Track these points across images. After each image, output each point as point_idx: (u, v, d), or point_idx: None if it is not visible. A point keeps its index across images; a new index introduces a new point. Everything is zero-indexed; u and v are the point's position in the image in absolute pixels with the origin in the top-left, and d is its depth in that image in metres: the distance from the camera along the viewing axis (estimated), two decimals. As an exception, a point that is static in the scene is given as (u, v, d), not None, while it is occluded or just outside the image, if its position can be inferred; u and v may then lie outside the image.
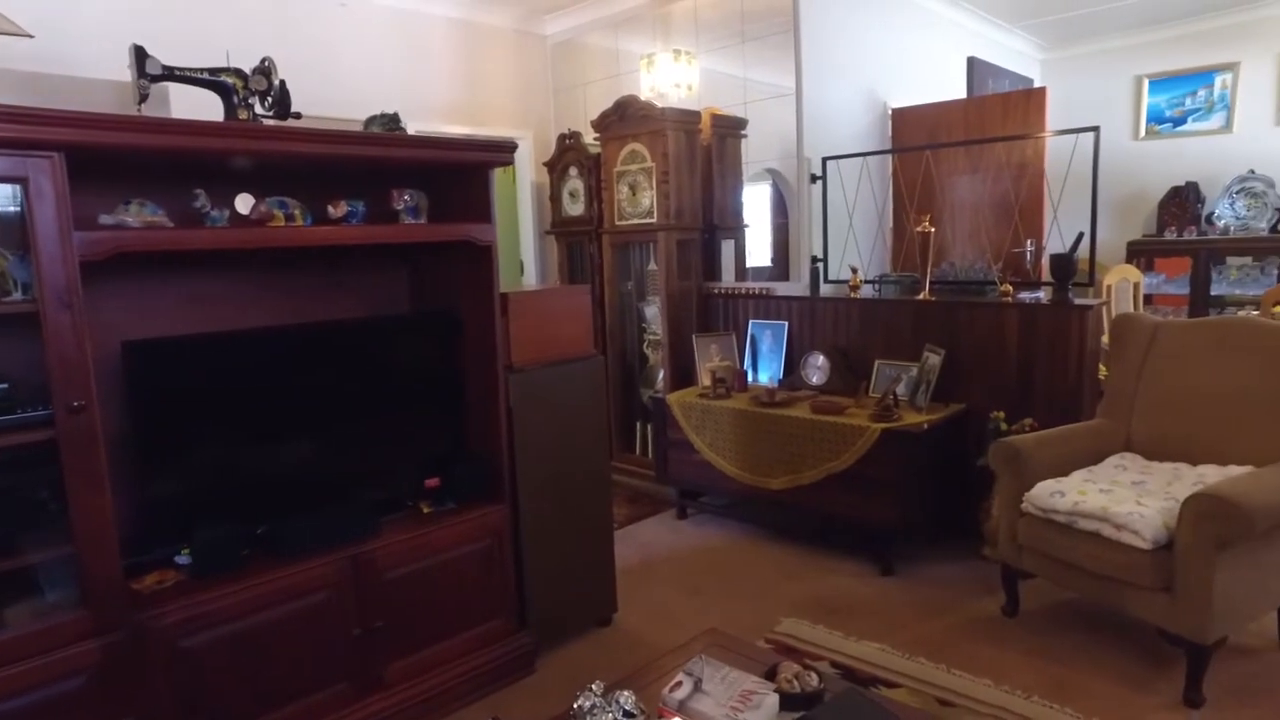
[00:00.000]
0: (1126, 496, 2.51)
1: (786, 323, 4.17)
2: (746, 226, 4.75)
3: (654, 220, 4.34)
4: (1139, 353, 3.03)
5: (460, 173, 2.59)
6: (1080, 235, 3.25)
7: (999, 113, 4.38)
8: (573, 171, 4.96)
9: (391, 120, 2.45)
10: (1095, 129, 3.27)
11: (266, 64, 2.21)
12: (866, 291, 4.09)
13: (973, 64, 5.63)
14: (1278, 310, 3.72)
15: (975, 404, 3.48)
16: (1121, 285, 4.98)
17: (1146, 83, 6.31)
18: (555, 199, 5.08)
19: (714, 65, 4.66)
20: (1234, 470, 2.57)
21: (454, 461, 2.69)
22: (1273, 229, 5.66)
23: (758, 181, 4.86)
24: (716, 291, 4.51)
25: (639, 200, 4.42)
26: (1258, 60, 5.88)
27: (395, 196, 2.48)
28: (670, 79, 4.66)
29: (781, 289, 4.27)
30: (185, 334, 2.28)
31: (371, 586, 2.34)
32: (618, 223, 4.54)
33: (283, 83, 2.24)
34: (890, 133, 4.86)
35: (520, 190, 5.59)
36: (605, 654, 2.87)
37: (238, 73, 2.17)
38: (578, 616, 2.99)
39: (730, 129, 4.57)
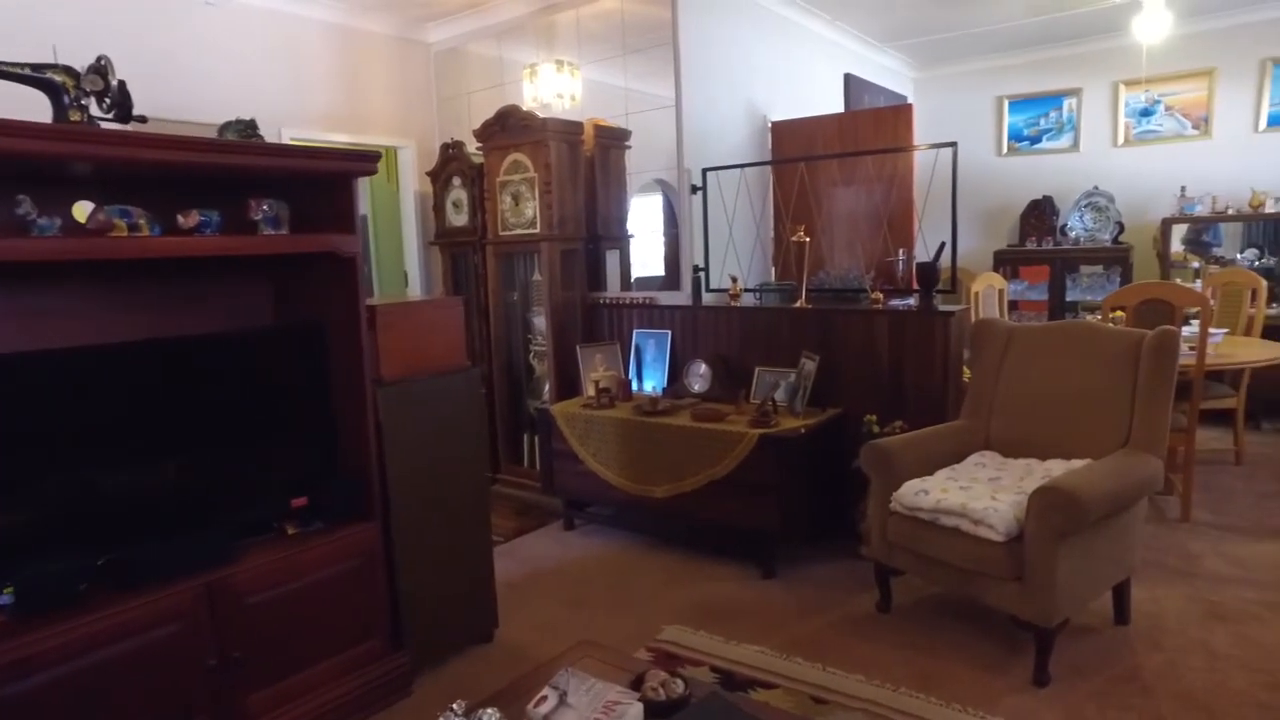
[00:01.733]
0: (983, 492, 2.65)
1: (670, 332, 4.21)
2: (631, 237, 4.79)
3: (537, 231, 4.31)
4: (996, 356, 3.20)
5: (323, 183, 2.50)
6: (943, 245, 3.41)
7: (871, 127, 4.58)
8: (456, 181, 4.88)
9: (248, 127, 2.34)
10: (953, 144, 3.45)
11: (102, 63, 2.08)
12: (748, 300, 4.18)
13: (849, 80, 5.86)
14: (1115, 314, 4.01)
15: (851, 408, 3.60)
16: (987, 292, 5.27)
17: (1006, 103, 6.72)
18: (439, 209, 4.99)
19: (597, 76, 4.68)
20: (1076, 464, 2.75)
21: (322, 480, 2.58)
22: (1115, 240, 6.13)
23: (649, 192, 4.90)
24: (601, 301, 4.52)
25: (522, 210, 4.39)
26: (1097, 88, 6.37)
27: (253, 206, 2.37)
28: (553, 89, 4.65)
29: (665, 298, 4.32)
30: (15, 351, 2.10)
31: (229, 615, 2.22)
32: (501, 233, 4.50)
33: (122, 83, 2.11)
34: (770, 145, 5.00)
35: (404, 200, 5.47)
36: (485, 671, 2.81)
37: (68, 70, 2.03)
38: (458, 634, 2.92)
39: (613, 140, 4.60)
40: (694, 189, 4.28)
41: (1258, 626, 2.89)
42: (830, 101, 5.65)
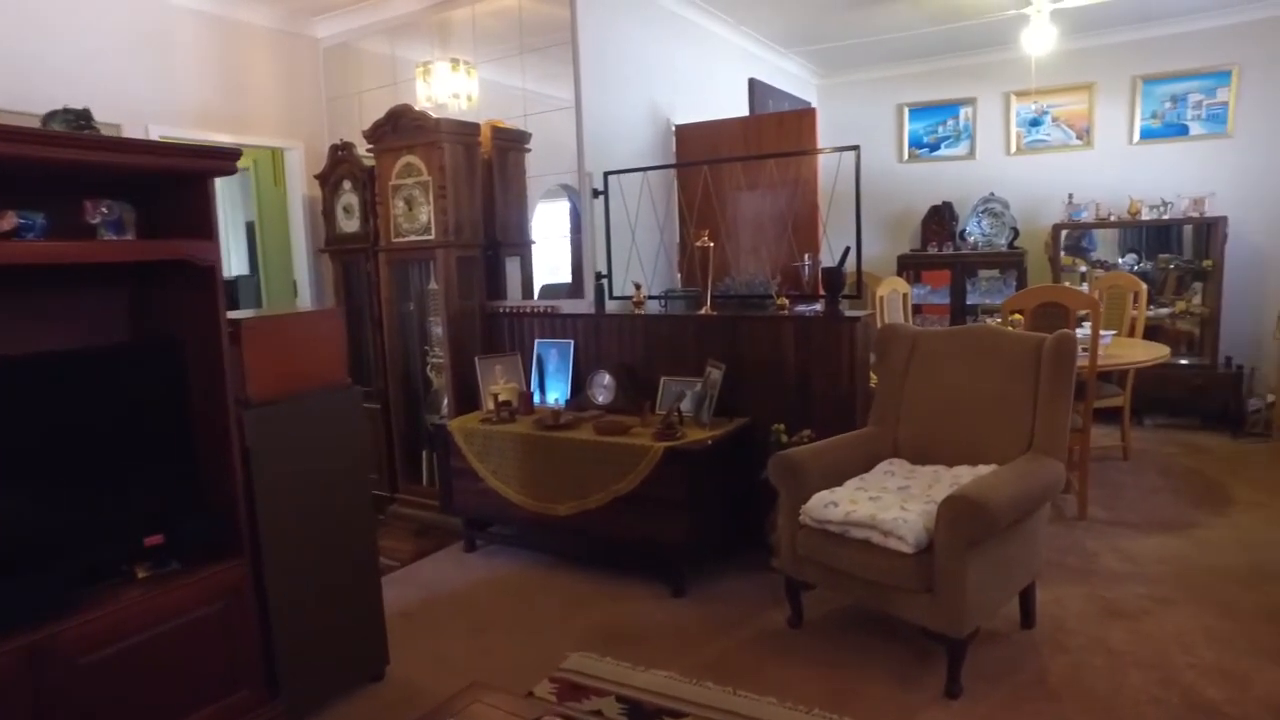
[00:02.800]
0: (892, 503, 2.59)
1: (573, 341, 4.06)
2: (533, 243, 4.61)
3: (432, 237, 4.09)
4: (901, 362, 3.17)
5: (175, 183, 2.25)
6: (847, 249, 3.37)
7: (775, 131, 4.55)
8: (347, 185, 4.61)
9: (79, 117, 2.07)
10: (856, 148, 3.42)
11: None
12: (653, 307, 4.06)
13: (754, 85, 5.85)
14: (1014, 318, 4.07)
15: (758, 417, 3.52)
16: (892, 296, 5.32)
17: (907, 111, 6.85)
18: (329, 215, 4.70)
19: (495, 77, 4.49)
20: (983, 470, 2.73)
21: (180, 514, 2.31)
22: (1010, 245, 6.31)
23: (555, 198, 4.74)
24: (502, 310, 4.33)
25: (416, 216, 4.16)
26: (990, 98, 6.56)
27: (89, 209, 2.10)
28: (448, 89, 4.44)
29: (567, 306, 4.16)
30: None
31: (59, 679, 1.93)
32: (395, 240, 4.25)
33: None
34: (674, 149, 4.91)
35: (292, 205, 5.13)
36: (374, 714, 2.59)
37: None
38: (344, 675, 2.69)
39: (512, 142, 4.42)
40: (595, 193, 4.15)
41: (1149, 621, 2.94)
42: (735, 106, 5.62)
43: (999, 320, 4.19)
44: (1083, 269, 6.10)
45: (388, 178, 4.23)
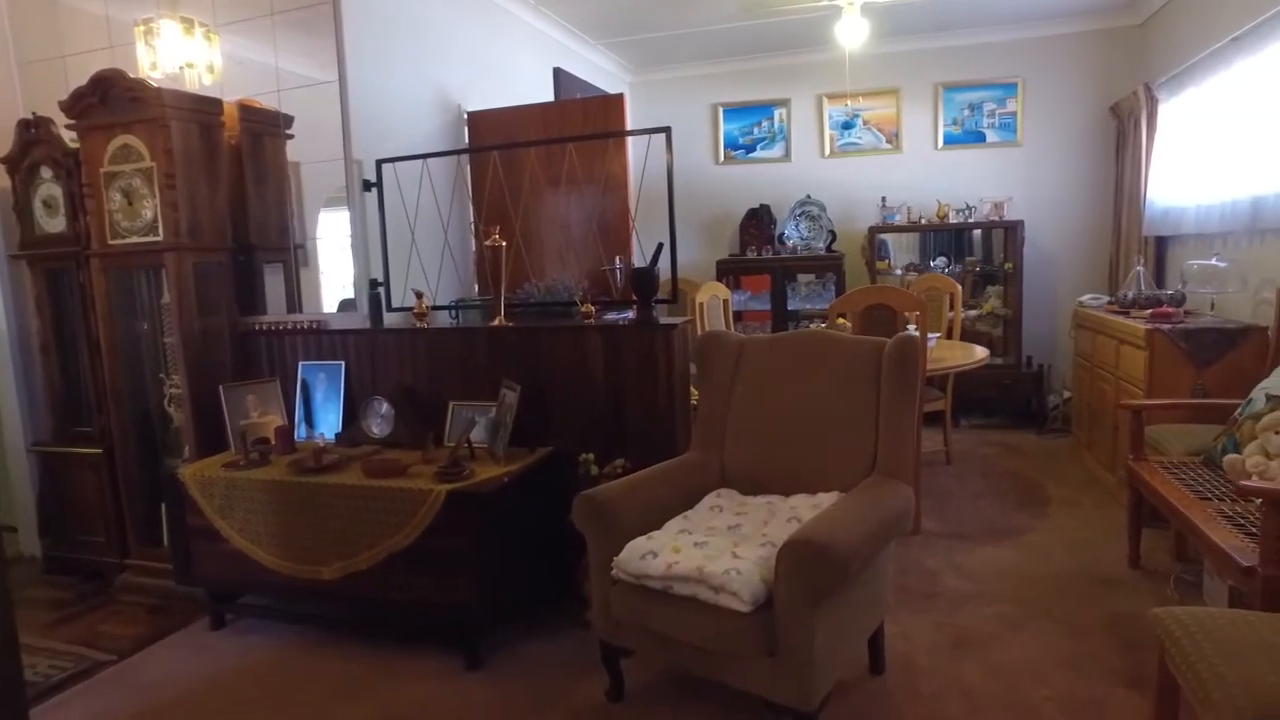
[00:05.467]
0: (723, 548, 2.13)
1: (344, 362, 3.36)
2: (300, 246, 3.85)
3: (160, 238, 3.26)
4: (727, 374, 2.75)
5: None
6: (660, 246, 2.93)
7: (580, 120, 4.05)
8: (46, 173, 3.65)
9: None
10: (666, 129, 2.99)
11: None
12: (442, 320, 3.45)
13: (559, 75, 5.35)
14: (841, 321, 3.81)
15: (565, 444, 2.99)
16: (712, 302, 4.98)
17: (722, 111, 6.62)
18: (23, 210, 3.71)
19: (248, 53, 3.70)
20: (823, 499, 2.34)
21: None
22: (828, 248, 6.19)
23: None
24: (257, 328, 3.54)
25: (139, 212, 3.31)
26: (804, 99, 6.44)
27: None
28: (180, 56, 3.60)
29: (336, 321, 3.46)
30: None
31: None
32: (111, 241, 3.37)
33: None
34: (468, 139, 4.31)
35: (-23, 200, 4.04)
36: None
37: None
38: None
39: (268, 126, 3.65)
40: (367, 185, 3.48)
41: (1000, 650, 2.68)
42: (538, 97, 5.09)
43: (825, 325, 3.91)
44: (898, 271, 6.07)
45: (98, 163, 3.35)
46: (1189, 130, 4.66)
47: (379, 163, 3.46)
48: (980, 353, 4.07)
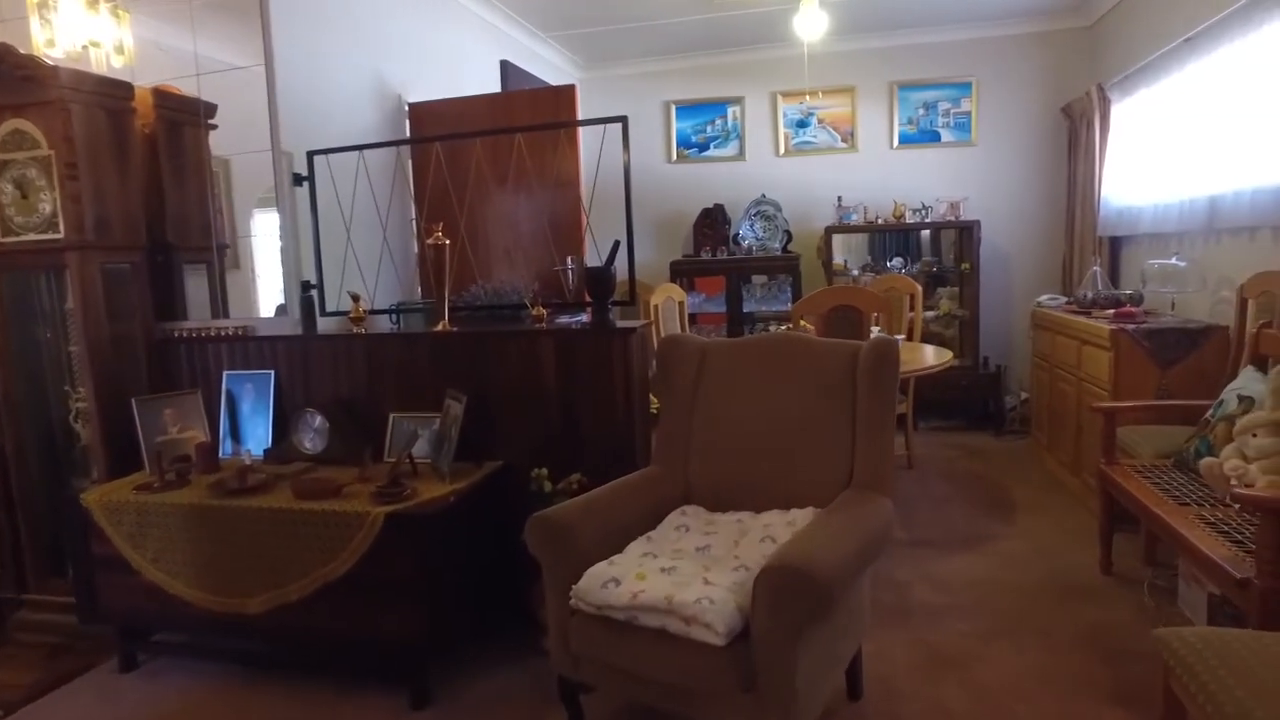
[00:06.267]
0: (692, 573, 1.94)
1: (273, 372, 3.08)
2: (226, 246, 3.55)
3: (60, 235, 2.94)
4: (689, 381, 2.56)
5: None
6: (616, 243, 2.73)
7: (528, 112, 3.82)
8: (-71, 164, 3.28)
9: None
10: (623, 118, 2.79)
11: None
12: (383, 325, 3.20)
13: (507, 68, 5.12)
14: (804, 324, 3.66)
15: (516, 459, 2.77)
16: (667, 304, 4.80)
17: (674, 108, 6.45)
18: (-95, 205, 3.33)
19: (165, 36, 3.39)
20: (797, 516, 2.17)
21: None
22: (784, 249, 6.07)
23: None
24: (177, 335, 3.24)
25: (35, 206, 2.99)
26: (758, 97, 6.31)
27: None
28: (82, 33, 3.28)
29: (265, 327, 3.17)
30: None
31: None
32: (4, 239, 3.04)
33: None
34: (409, 132, 4.05)
35: None
36: None
37: None
38: None
39: (187, 114, 3.35)
40: (297, 179, 3.21)
41: (980, 668, 2.55)
42: (485, 90, 4.84)
43: (787, 327, 3.75)
44: (854, 272, 5.97)
45: (-11, 152, 3.02)
46: (1143, 130, 4.64)
47: (310, 155, 3.19)
48: (945, 354, 3.97)
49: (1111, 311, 3.95)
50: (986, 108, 5.96)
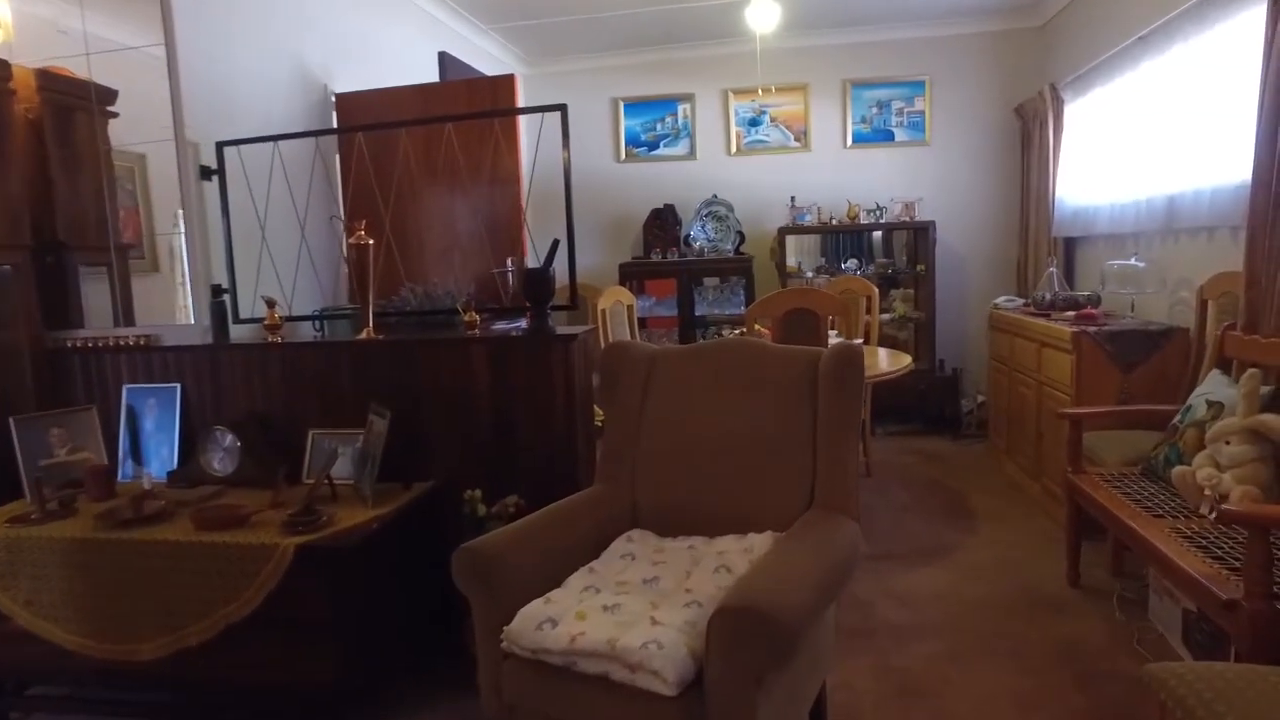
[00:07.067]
0: (639, 611, 1.72)
1: (179, 385, 2.79)
2: (131, 247, 3.23)
3: (-71, 233, 2.62)
4: (636, 393, 2.34)
5: None
6: (555, 242, 2.50)
7: (463, 102, 3.57)
8: None
9: None
10: (561, 106, 2.57)
11: None
12: (307, 332, 2.92)
13: (446, 61, 4.85)
14: (758, 328, 3.48)
15: (449, 479, 2.53)
16: (615, 309, 4.59)
17: (623, 106, 6.24)
18: None
19: (58, 15, 3.06)
20: (755, 542, 1.96)
21: None
22: (737, 250, 5.90)
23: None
24: (71, 345, 2.92)
25: (-99, 201, 2.65)
26: (709, 94, 6.14)
27: None
28: (-45, 11, 2.95)
29: (171, 336, 2.87)
30: None
31: None
32: None
33: None
34: (336, 125, 3.77)
35: None
36: None
37: None
38: None
39: (79, 98, 3.03)
40: (205, 172, 2.91)
41: (952, 695, 2.38)
42: (421, 82, 4.58)
43: (742, 332, 3.57)
44: (809, 274, 5.83)
45: None
46: (1097, 130, 4.57)
47: (220, 145, 2.90)
48: (904, 359, 3.82)
49: (1072, 313, 3.85)
50: (940, 107, 5.87)
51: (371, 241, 2.60)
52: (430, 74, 4.73)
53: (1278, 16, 2.81)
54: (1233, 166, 3.23)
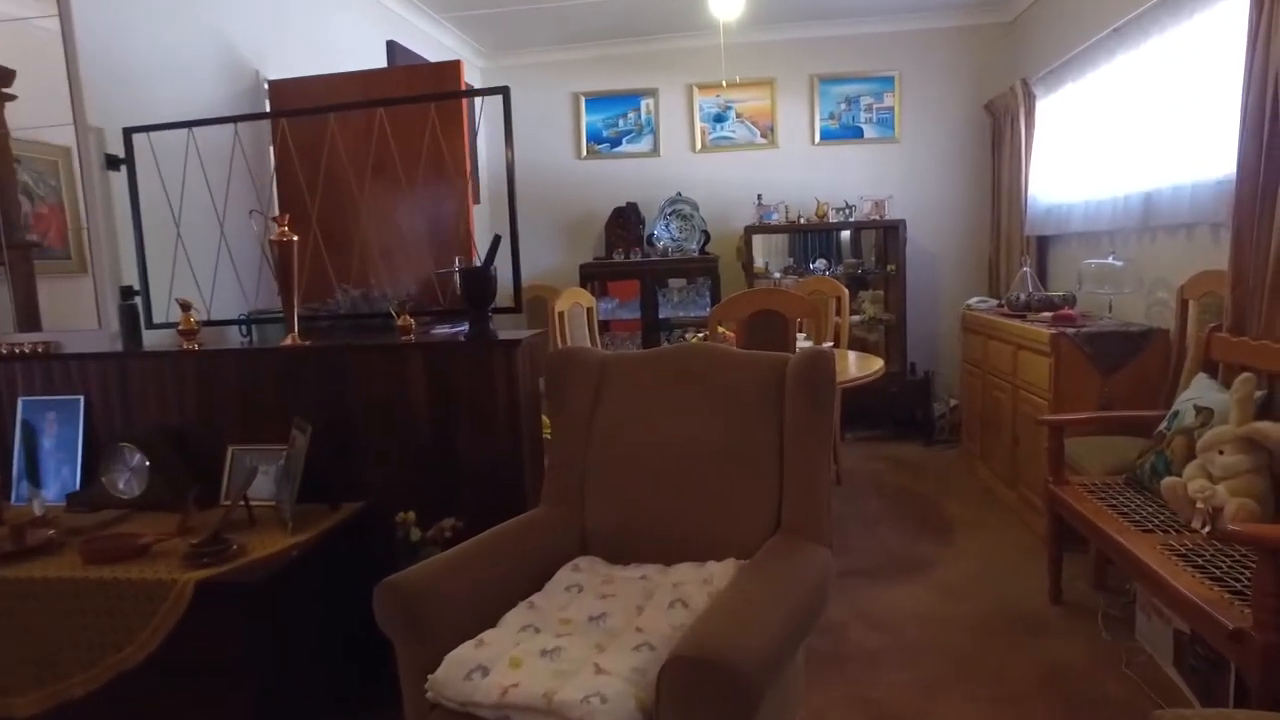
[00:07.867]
0: (582, 659, 1.50)
1: (83, 397, 2.52)
2: (36, 244, 2.94)
3: None
4: (586, 404, 2.13)
5: None
6: (497, 238, 2.28)
7: (403, 89, 3.31)
8: None
9: None
10: (504, 89, 2.35)
11: None
12: (233, 339, 2.66)
13: (395, 50, 4.60)
14: (723, 331, 3.28)
15: (382, 498, 2.29)
16: (575, 311, 4.36)
17: (584, 101, 6.02)
18: None
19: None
20: (715, 571, 1.76)
21: None
22: (702, 250, 5.71)
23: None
24: (-40, 353, 2.64)
25: None
26: (673, 89, 5.94)
27: None
28: None
29: (76, 343, 2.60)
30: None
31: None
32: None
33: None
34: (269, 110, 3.50)
35: None
36: None
37: None
38: None
39: (-24, 82, 2.74)
40: (112, 161, 2.64)
41: (929, 729, 2.19)
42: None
43: (703, 336, 3.37)
44: (776, 275, 5.65)
45: None
46: (1071, 126, 4.45)
47: (127, 132, 2.63)
48: (876, 363, 3.65)
49: (1049, 315, 3.70)
50: (909, 103, 5.73)
51: (296, 238, 2.36)
52: (378, 62, 4.47)
53: (1261, 5, 2.67)
54: (1214, 161, 3.09)
